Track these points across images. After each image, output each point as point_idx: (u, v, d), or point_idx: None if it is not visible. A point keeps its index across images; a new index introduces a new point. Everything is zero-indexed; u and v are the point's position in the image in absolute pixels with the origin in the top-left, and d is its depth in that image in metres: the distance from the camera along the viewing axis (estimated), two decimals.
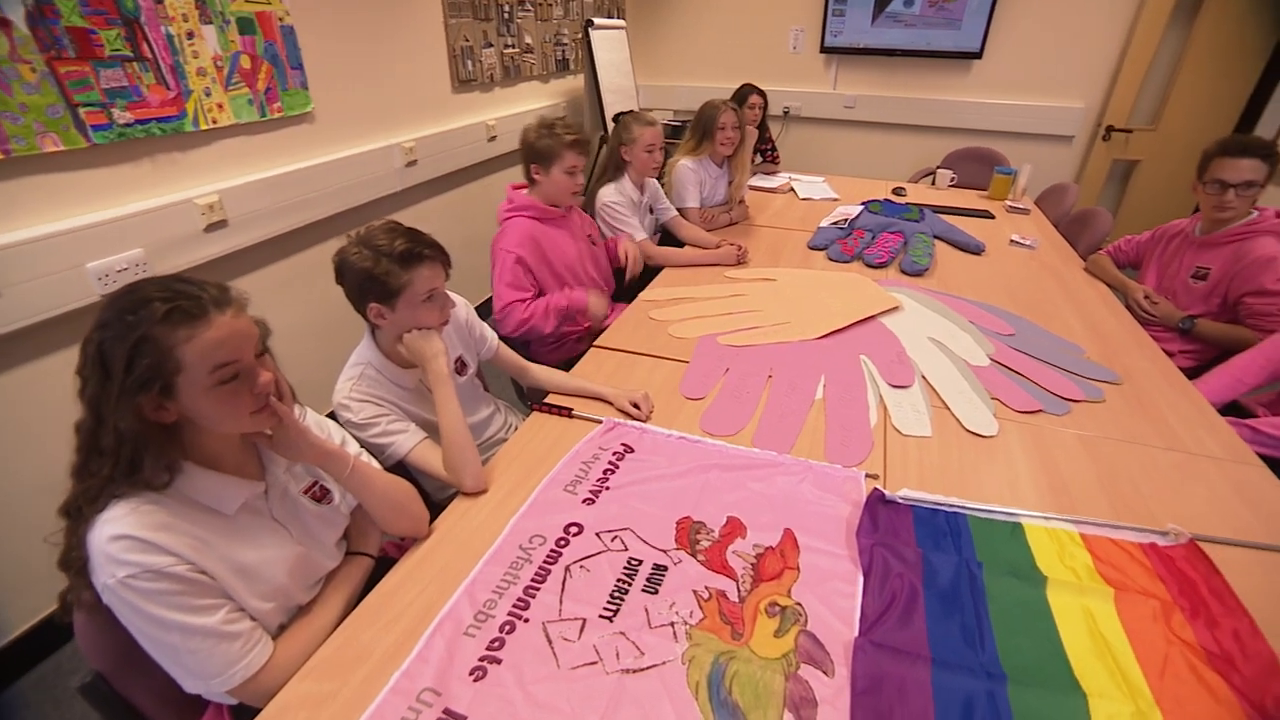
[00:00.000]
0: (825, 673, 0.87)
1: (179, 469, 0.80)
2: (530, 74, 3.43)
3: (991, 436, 1.34)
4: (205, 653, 0.79)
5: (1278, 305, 1.79)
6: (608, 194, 2.20)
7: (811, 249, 2.39)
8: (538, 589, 0.99)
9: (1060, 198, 3.12)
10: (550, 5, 3.50)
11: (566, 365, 1.64)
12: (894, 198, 2.95)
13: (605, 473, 1.23)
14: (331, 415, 1.15)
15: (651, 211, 2.43)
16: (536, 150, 1.77)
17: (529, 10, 3.30)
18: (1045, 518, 1.13)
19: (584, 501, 1.16)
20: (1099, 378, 1.58)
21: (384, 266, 1.09)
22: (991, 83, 4.08)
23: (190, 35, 1.69)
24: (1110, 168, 4.16)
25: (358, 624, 0.94)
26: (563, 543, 1.08)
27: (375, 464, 1.10)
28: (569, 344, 1.90)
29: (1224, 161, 1.85)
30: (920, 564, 1.01)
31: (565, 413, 1.40)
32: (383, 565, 1.06)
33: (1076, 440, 1.35)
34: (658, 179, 2.46)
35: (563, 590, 0.99)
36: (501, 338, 1.86)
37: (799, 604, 0.96)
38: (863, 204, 2.75)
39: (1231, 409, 1.70)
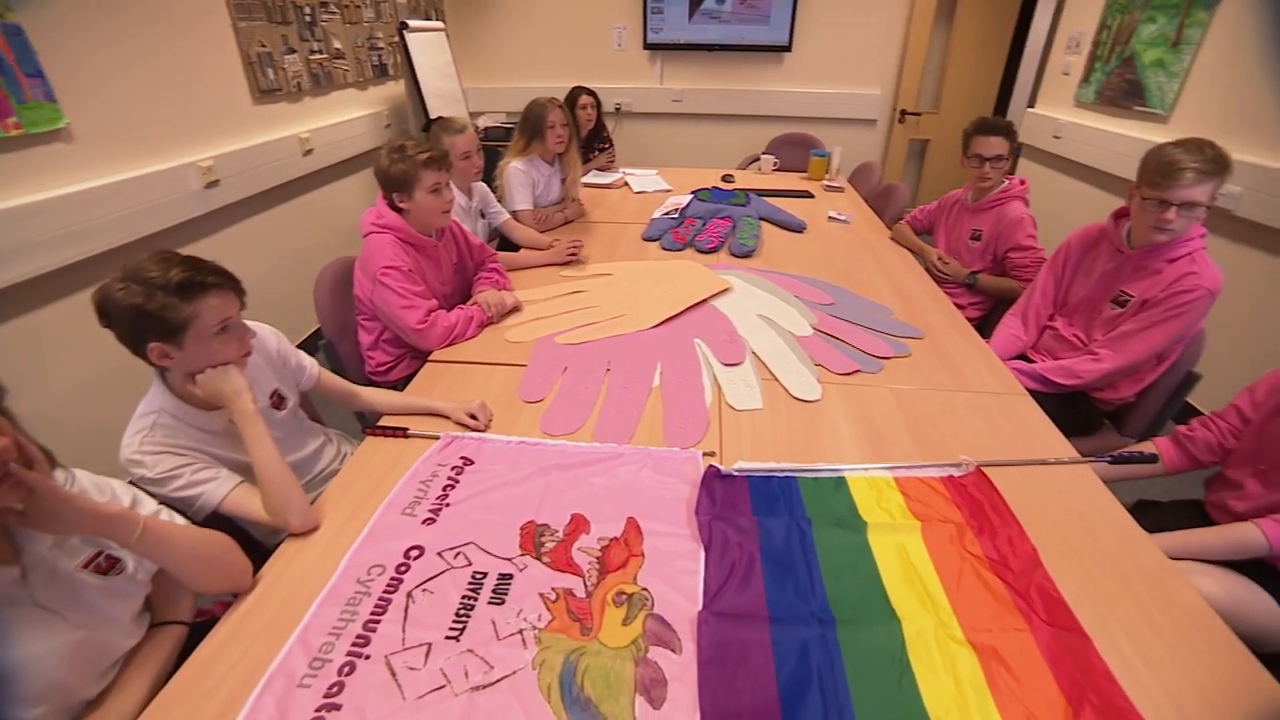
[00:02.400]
0: (673, 650, 0.89)
1: None
2: (344, 81, 3.22)
3: (816, 400, 1.45)
4: None
5: (1030, 258, 2.11)
6: None
7: (646, 240, 2.46)
8: (378, 622, 0.94)
9: (868, 175, 3.45)
10: (358, 7, 3.30)
11: (404, 384, 1.57)
12: (722, 185, 3.11)
13: (445, 489, 1.19)
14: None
15: (483, 216, 2.38)
16: (392, 178, 1.65)
17: (334, 13, 3.09)
18: (864, 468, 1.24)
19: (424, 522, 1.12)
20: (905, 334, 1.76)
21: (160, 300, 0.97)
22: (802, 73, 4.42)
23: None
24: (908, 146, 4.67)
25: (170, 701, 0.84)
26: (403, 568, 1.03)
27: (181, 520, 0.98)
28: (405, 361, 1.81)
29: (978, 139, 2.15)
30: (756, 530, 1.07)
31: (400, 433, 1.34)
32: (204, 630, 0.96)
33: (889, 393, 1.50)
34: (488, 182, 2.42)
35: (405, 618, 0.94)
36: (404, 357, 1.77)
37: (645, 589, 0.98)
38: (692, 193, 2.87)
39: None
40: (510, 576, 1.01)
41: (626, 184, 3.31)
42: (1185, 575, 1.04)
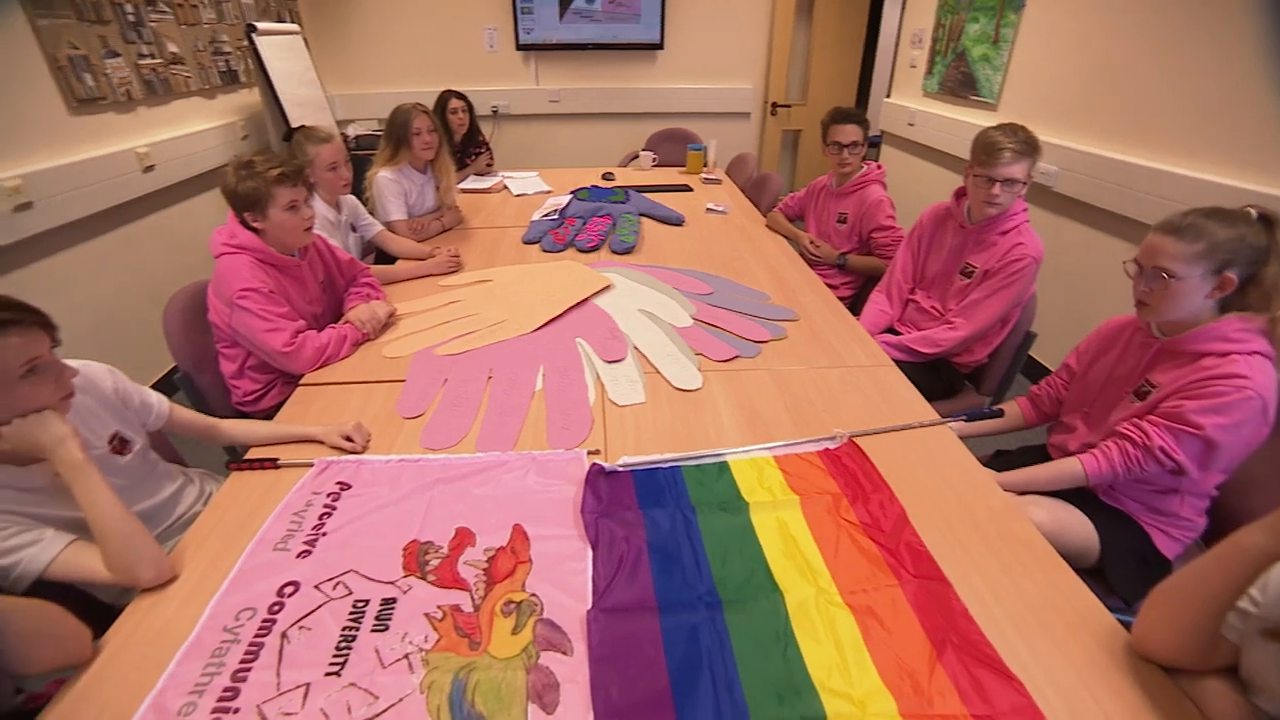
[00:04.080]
0: (564, 653, 0.89)
1: None
2: (186, 89, 2.95)
3: (697, 389, 1.49)
4: None
5: (891, 237, 2.27)
6: None
7: (526, 243, 2.43)
8: (249, 669, 0.87)
9: (743, 166, 3.58)
10: (194, 6, 3.03)
11: (276, 412, 1.47)
12: (602, 183, 3.13)
13: (321, 518, 1.12)
14: None
15: (355, 229, 2.27)
16: (242, 197, 1.52)
17: (165, 12, 2.81)
18: (745, 450, 1.28)
19: (299, 555, 1.05)
20: (781, 318, 1.84)
21: None
22: (676, 70, 4.52)
23: None
24: (782, 137, 4.89)
25: None
26: (277, 608, 0.96)
27: None
28: (277, 388, 1.69)
29: (835, 128, 2.29)
30: (641, 523, 1.09)
31: (269, 464, 1.25)
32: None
33: (767, 376, 1.56)
34: (357, 194, 2.31)
35: (280, 660, 0.88)
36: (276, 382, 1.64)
37: (533, 595, 0.97)
38: (572, 193, 2.87)
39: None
40: (394, 600, 0.97)
41: (506, 187, 3.26)
42: (1023, 511, 1.16)
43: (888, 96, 4.18)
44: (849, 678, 0.86)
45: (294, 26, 3.71)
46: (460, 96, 3.29)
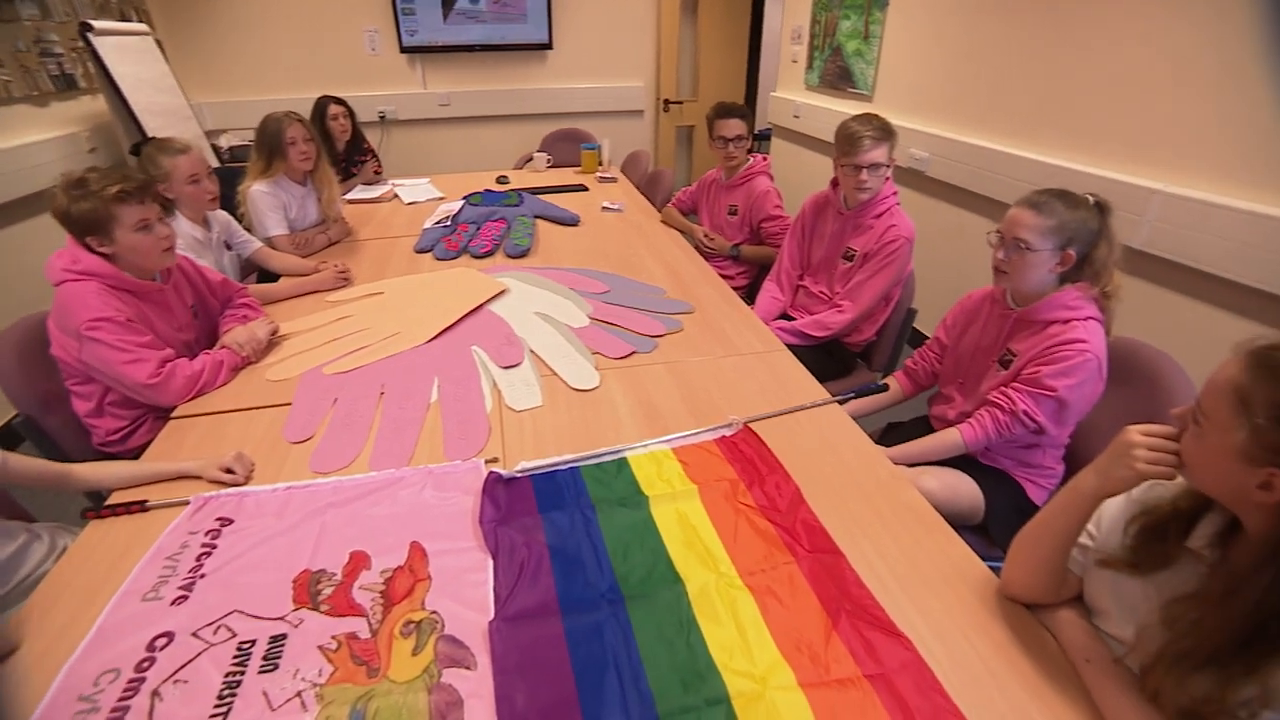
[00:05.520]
0: (468, 668, 0.87)
1: None
2: (6, 95, 2.60)
3: (595, 388, 1.49)
4: None
5: (780, 225, 2.36)
6: None
7: (418, 252, 2.36)
8: None
9: (637, 163, 3.61)
10: (10, 2, 2.66)
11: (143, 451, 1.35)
12: (496, 186, 3.08)
13: (199, 559, 1.04)
14: None
15: (230, 247, 2.11)
16: (79, 220, 1.37)
17: None
18: (644, 445, 1.30)
19: (174, 602, 0.97)
20: (677, 311, 1.87)
21: None
22: (566, 69, 4.50)
23: None
24: (676, 133, 4.98)
25: None
26: (146, 664, 0.88)
27: None
28: (147, 423, 1.55)
29: (719, 122, 2.36)
30: (541, 527, 1.08)
31: (136, 508, 1.15)
32: None
33: (664, 369, 1.58)
34: (230, 209, 2.15)
35: None
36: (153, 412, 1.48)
37: (433, 613, 0.94)
38: (464, 198, 2.80)
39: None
40: (283, 636, 0.91)
41: (396, 196, 3.13)
42: (909, 481, 1.23)
43: (774, 90, 4.33)
44: (750, 656, 0.89)
45: (142, 27, 3.40)
46: (340, 102, 3.14)
